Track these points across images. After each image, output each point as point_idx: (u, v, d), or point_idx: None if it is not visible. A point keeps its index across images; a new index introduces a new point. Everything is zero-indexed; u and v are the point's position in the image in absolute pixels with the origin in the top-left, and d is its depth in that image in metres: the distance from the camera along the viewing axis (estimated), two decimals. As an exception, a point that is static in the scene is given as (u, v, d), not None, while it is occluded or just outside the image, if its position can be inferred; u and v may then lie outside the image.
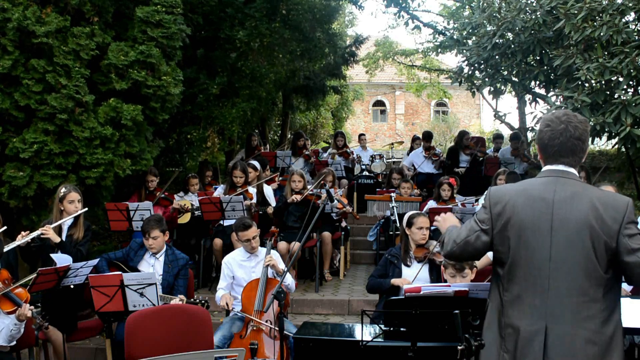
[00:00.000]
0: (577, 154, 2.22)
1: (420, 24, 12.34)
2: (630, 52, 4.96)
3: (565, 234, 2.11)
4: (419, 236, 4.26)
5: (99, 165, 5.24)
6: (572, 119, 2.22)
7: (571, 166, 2.23)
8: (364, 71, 17.63)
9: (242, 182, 6.36)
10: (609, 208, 2.10)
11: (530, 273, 2.15)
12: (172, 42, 5.64)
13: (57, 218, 4.42)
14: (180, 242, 6.36)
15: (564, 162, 2.23)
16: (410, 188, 7.02)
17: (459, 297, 2.79)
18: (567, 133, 2.20)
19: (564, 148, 2.21)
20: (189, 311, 3.56)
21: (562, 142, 2.21)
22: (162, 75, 5.51)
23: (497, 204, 2.25)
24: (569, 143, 2.21)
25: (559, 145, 2.22)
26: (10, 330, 3.46)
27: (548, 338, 2.08)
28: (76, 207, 4.43)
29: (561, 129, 2.20)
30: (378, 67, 16.97)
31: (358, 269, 7.35)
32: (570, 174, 2.22)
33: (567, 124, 2.20)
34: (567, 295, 2.08)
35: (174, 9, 5.60)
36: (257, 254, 4.44)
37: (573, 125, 2.20)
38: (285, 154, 8.82)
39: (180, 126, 7.65)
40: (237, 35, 7.15)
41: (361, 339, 2.98)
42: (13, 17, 4.81)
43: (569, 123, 2.21)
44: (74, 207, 4.41)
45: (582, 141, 2.21)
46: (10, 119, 5.10)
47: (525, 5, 6.11)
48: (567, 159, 2.23)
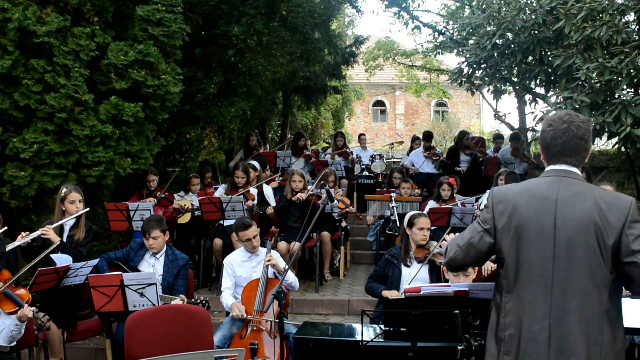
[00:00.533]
0: (579, 153, 2.21)
1: (420, 24, 12.35)
2: (630, 52, 4.96)
3: (569, 233, 2.10)
4: (420, 237, 4.25)
5: (100, 163, 5.25)
6: (574, 118, 2.22)
7: (574, 166, 2.23)
8: (364, 71, 17.64)
9: (243, 183, 6.36)
10: (613, 207, 2.09)
11: (534, 272, 2.14)
12: (172, 41, 5.64)
13: (59, 218, 4.41)
14: (180, 242, 6.36)
15: (566, 161, 2.22)
16: (410, 188, 7.02)
17: (459, 297, 2.79)
18: (569, 132, 2.19)
19: (567, 147, 2.21)
20: (189, 311, 3.56)
21: (565, 141, 2.20)
22: (161, 74, 5.51)
23: (500, 203, 2.24)
24: (572, 142, 2.20)
25: (561, 144, 2.21)
26: (11, 331, 3.46)
27: (551, 337, 2.08)
28: (77, 207, 4.42)
29: (563, 129, 2.20)
30: (378, 66, 16.97)
31: (358, 269, 7.35)
32: (573, 173, 2.21)
33: (570, 124, 2.20)
34: (571, 295, 2.08)
35: (174, 8, 5.60)
36: (257, 254, 4.44)
37: (575, 124, 2.19)
38: (285, 154, 8.82)
39: (179, 126, 7.65)
40: (233, 31, 7.15)
41: (361, 339, 2.98)
42: (13, 17, 4.81)
43: (571, 122, 2.20)
44: (75, 207, 4.41)
45: (584, 140, 2.21)
46: (10, 119, 5.10)
47: (525, 5, 6.11)
48: (569, 159, 2.22)
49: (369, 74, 17.38)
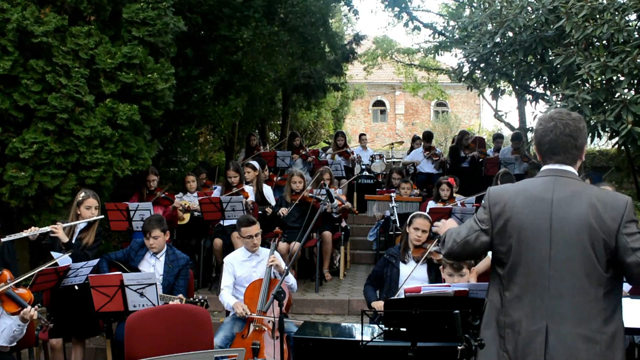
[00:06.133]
0: (568, 150, 2.20)
1: (420, 24, 12.34)
2: (631, 50, 4.96)
3: (565, 233, 2.10)
4: (414, 236, 4.29)
5: (99, 164, 5.24)
6: (563, 116, 2.22)
7: (568, 164, 2.22)
8: (363, 71, 17.62)
9: (237, 182, 6.36)
10: (608, 207, 2.09)
11: (530, 273, 2.14)
12: (160, 38, 5.58)
13: (73, 220, 4.48)
14: (180, 242, 6.36)
15: (558, 160, 2.22)
16: (410, 188, 7.01)
17: (459, 297, 2.79)
18: (556, 130, 2.19)
19: (555, 145, 2.21)
20: (189, 311, 3.56)
21: (552, 139, 2.21)
22: (148, 73, 5.47)
23: (496, 204, 2.25)
24: (559, 140, 2.20)
25: (549, 142, 2.22)
26: (13, 331, 3.45)
27: (549, 338, 2.08)
28: (92, 213, 4.50)
29: (551, 127, 2.21)
30: (377, 64, 16.95)
31: (358, 269, 7.34)
32: (569, 172, 2.21)
33: (558, 121, 2.20)
34: (567, 295, 2.08)
35: (159, 4, 5.50)
36: (257, 254, 4.43)
37: (563, 122, 2.20)
38: (285, 154, 8.81)
39: (176, 125, 7.65)
40: (243, 35, 7.14)
41: (361, 339, 2.97)
42: (12, 17, 4.80)
43: (559, 120, 2.20)
44: (90, 213, 4.48)
45: (573, 138, 2.19)
46: (9, 119, 5.09)
47: (527, 4, 6.11)
48: (559, 157, 2.22)
49: (367, 72, 17.34)
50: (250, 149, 9.28)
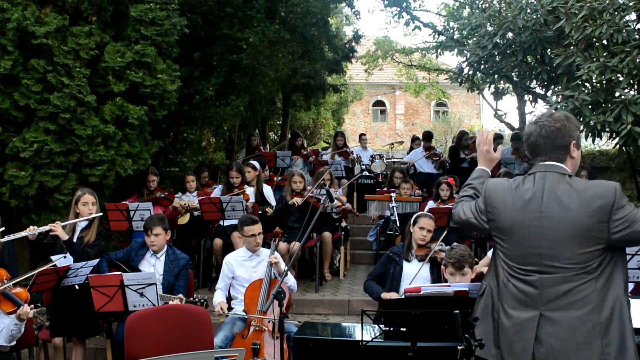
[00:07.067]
0: (548, 152, 2.27)
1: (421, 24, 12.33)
2: (630, 51, 4.96)
3: (555, 226, 2.15)
4: (418, 235, 4.28)
5: (102, 162, 5.25)
6: (542, 118, 2.31)
7: (557, 161, 2.26)
8: (363, 71, 17.62)
9: (239, 183, 6.36)
10: (597, 198, 2.13)
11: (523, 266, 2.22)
12: (167, 38, 5.61)
13: (72, 219, 4.48)
14: (180, 242, 6.35)
15: (542, 159, 2.30)
16: (410, 188, 7.01)
17: (459, 297, 2.79)
18: (535, 132, 2.29)
19: (535, 147, 2.30)
20: (189, 311, 3.56)
21: (532, 141, 2.31)
22: (158, 74, 5.49)
23: (490, 197, 2.35)
24: (538, 141, 2.29)
25: (530, 145, 2.34)
26: (11, 330, 3.46)
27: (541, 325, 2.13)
28: (90, 209, 4.49)
29: (532, 129, 2.32)
30: (377, 65, 16.96)
31: (358, 269, 7.34)
32: (557, 167, 2.26)
33: (536, 124, 2.30)
34: (560, 283, 2.13)
35: (167, 5, 5.55)
36: (258, 254, 4.43)
37: (541, 124, 2.28)
38: (285, 154, 8.81)
39: (177, 125, 7.65)
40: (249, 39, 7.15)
41: (361, 339, 2.97)
42: (12, 17, 4.80)
43: (537, 122, 2.31)
44: (87, 209, 4.47)
45: (550, 139, 2.25)
46: (10, 119, 5.09)
47: (526, 5, 6.11)
48: (542, 157, 2.30)
49: (368, 74, 17.35)
50: (251, 149, 9.28)
